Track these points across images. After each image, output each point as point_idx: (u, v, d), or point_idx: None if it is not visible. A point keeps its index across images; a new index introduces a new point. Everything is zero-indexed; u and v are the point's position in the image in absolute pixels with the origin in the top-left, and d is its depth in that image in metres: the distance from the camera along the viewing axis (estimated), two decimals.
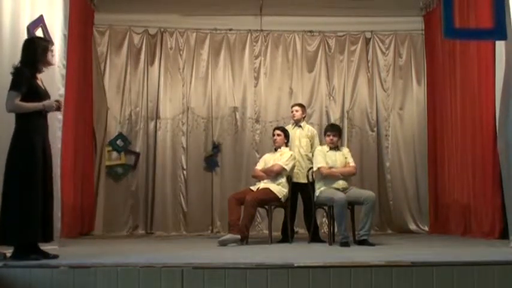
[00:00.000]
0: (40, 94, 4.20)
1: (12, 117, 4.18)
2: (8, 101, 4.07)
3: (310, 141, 6.70)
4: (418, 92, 8.43)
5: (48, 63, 4.35)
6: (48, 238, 4.27)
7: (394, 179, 8.28)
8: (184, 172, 8.16)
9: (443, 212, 7.62)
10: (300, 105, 6.98)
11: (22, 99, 4.08)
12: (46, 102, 4.19)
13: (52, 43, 4.53)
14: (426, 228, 8.01)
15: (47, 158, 4.25)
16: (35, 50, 4.23)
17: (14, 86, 4.07)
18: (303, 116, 6.86)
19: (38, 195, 4.10)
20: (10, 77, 4.16)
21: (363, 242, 5.71)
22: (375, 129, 8.37)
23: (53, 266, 3.78)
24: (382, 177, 8.27)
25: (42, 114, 4.21)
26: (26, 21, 5.13)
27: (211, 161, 8.16)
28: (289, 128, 6.91)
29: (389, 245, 5.79)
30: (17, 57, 4.38)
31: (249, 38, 8.44)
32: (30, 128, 4.13)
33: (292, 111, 6.88)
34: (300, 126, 6.78)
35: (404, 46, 8.52)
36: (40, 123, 4.21)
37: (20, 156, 4.07)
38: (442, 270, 3.72)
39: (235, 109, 8.32)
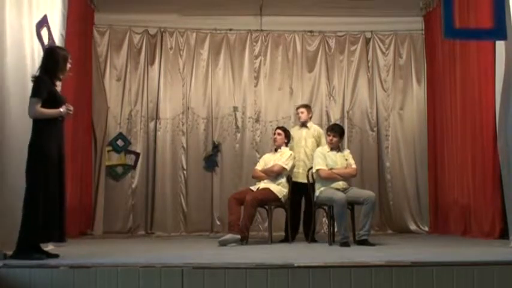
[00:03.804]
0: (58, 100, 4.38)
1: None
2: (31, 108, 4.25)
3: (317, 141, 6.71)
4: (418, 92, 8.43)
5: (67, 72, 4.53)
6: (62, 239, 4.37)
7: (394, 179, 8.27)
8: (184, 172, 8.16)
9: (443, 212, 7.62)
10: (305, 106, 7.02)
11: (43, 106, 4.26)
12: (63, 109, 4.35)
13: (69, 52, 4.65)
14: (426, 228, 8.00)
15: (62, 161, 4.39)
16: (57, 59, 4.43)
17: (35, 93, 4.26)
18: (309, 116, 6.87)
19: (56, 197, 4.26)
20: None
21: (363, 242, 5.71)
22: (375, 129, 8.37)
23: (53, 266, 3.78)
24: (382, 177, 8.27)
25: (58, 120, 4.38)
26: (27, 19, 5.12)
27: (210, 161, 8.16)
28: (295, 128, 6.96)
29: (389, 245, 5.79)
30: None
31: (249, 38, 8.43)
32: (44, 134, 4.27)
33: (297, 113, 6.92)
34: (307, 126, 6.79)
35: (404, 46, 8.51)
36: (56, 128, 4.37)
37: (36, 161, 4.22)
38: (442, 270, 3.73)
39: (235, 109, 8.31)
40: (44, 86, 4.28)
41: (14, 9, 4.82)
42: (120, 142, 8.10)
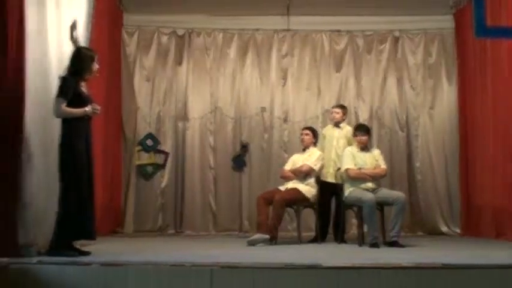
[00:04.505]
0: (84, 100, 4.45)
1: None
2: (55, 107, 4.35)
3: (349, 141, 6.62)
4: (448, 92, 8.30)
5: (93, 73, 4.59)
6: (93, 236, 4.47)
7: (425, 180, 8.15)
8: (213, 171, 8.20)
9: (475, 214, 7.47)
10: (341, 106, 6.95)
11: (69, 106, 4.34)
12: (89, 108, 4.41)
13: (96, 53, 4.70)
14: (458, 230, 7.86)
15: (90, 160, 4.48)
16: (82, 60, 4.51)
17: (60, 93, 4.36)
18: (343, 118, 6.80)
19: (87, 195, 4.36)
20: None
21: (392, 244, 5.66)
22: (405, 129, 8.27)
23: (85, 263, 3.86)
24: (412, 177, 8.16)
25: (84, 119, 4.44)
26: (64, 20, 5.24)
27: (239, 161, 8.18)
28: (328, 128, 6.92)
29: (419, 247, 5.73)
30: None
31: (276, 37, 8.42)
32: (72, 133, 4.36)
33: (332, 113, 6.87)
34: (339, 127, 6.74)
35: (434, 45, 8.38)
36: (82, 127, 4.44)
37: (66, 160, 4.32)
38: (473, 273, 3.67)
39: (262, 109, 8.32)
40: (69, 86, 4.36)
41: (53, 10, 4.95)
42: (149, 142, 8.18)
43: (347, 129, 6.74)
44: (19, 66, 4.25)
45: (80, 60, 4.49)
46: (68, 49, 5.04)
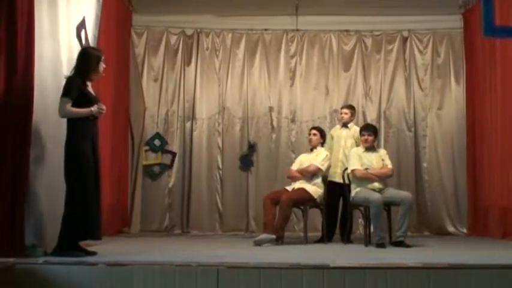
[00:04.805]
0: (91, 100, 4.44)
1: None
2: (60, 107, 4.35)
3: (356, 142, 6.60)
4: (456, 92, 8.26)
5: (100, 73, 4.59)
6: (98, 236, 4.47)
7: (432, 180, 8.12)
8: (220, 172, 8.21)
9: (482, 214, 7.44)
10: (349, 107, 6.94)
11: (75, 106, 4.34)
12: (94, 108, 4.40)
13: (103, 53, 4.70)
14: (464, 230, 7.83)
15: (96, 160, 4.48)
16: (89, 60, 4.50)
17: (65, 92, 4.35)
18: (352, 118, 6.80)
19: (93, 195, 4.36)
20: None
21: (399, 244, 5.64)
22: (412, 129, 8.24)
23: (92, 264, 3.87)
24: (419, 178, 8.13)
25: (90, 119, 4.43)
26: (73, 21, 5.29)
27: (246, 161, 8.19)
28: (336, 128, 6.93)
29: (426, 247, 5.71)
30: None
31: (284, 37, 8.42)
32: (77, 133, 4.36)
33: (341, 113, 6.87)
34: (347, 127, 6.73)
35: (442, 45, 8.35)
36: (87, 127, 4.43)
37: (72, 160, 4.33)
38: (480, 273, 3.66)
39: (270, 109, 8.33)
40: (74, 86, 4.35)
41: (64, 10, 4.98)
42: (157, 142, 8.21)
43: (354, 129, 6.72)
44: (28, 66, 4.28)
45: (86, 60, 4.49)
46: (77, 49, 5.09)
